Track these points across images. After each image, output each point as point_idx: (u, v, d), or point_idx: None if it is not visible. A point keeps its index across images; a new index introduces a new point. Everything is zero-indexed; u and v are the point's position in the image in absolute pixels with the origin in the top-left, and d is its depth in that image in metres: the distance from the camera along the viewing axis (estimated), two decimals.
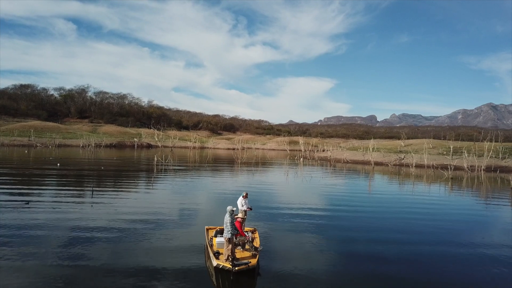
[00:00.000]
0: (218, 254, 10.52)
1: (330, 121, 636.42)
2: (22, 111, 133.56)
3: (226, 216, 10.32)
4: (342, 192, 28.91)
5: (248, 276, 9.85)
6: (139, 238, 12.88)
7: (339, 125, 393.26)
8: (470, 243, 13.73)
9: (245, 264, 9.83)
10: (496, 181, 42.12)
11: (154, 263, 10.45)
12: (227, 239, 10.15)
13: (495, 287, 9.82)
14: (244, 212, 13.21)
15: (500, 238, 15.11)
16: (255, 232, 12.98)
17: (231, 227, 10.15)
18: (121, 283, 8.97)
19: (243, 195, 13.56)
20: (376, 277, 10.15)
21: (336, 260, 11.54)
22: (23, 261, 10.28)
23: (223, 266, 9.78)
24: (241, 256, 10.51)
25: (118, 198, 21.36)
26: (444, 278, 10.11)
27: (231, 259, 9.86)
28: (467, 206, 24.88)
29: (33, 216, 15.67)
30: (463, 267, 11.10)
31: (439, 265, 11.21)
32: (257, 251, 10.77)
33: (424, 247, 13.02)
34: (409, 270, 10.76)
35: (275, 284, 9.46)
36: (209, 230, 13.08)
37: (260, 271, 10.17)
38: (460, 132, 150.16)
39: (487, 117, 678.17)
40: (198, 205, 20.50)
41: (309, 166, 58.36)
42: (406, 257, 11.97)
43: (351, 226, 16.53)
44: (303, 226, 15.98)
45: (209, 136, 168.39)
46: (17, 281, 8.91)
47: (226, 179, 35.40)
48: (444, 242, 13.80)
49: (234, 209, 10.58)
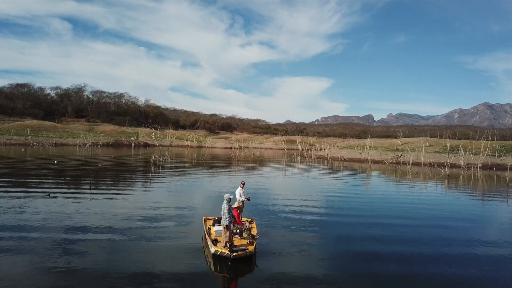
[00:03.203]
0: (216, 241, 10.59)
1: (327, 120, 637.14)
2: (18, 110, 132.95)
3: (224, 204, 10.39)
4: (338, 189, 29.04)
5: (245, 262, 9.92)
6: (137, 234, 12.81)
7: (336, 124, 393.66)
8: (469, 242, 13.28)
9: (243, 250, 9.90)
10: (492, 178, 42.38)
11: (153, 259, 10.43)
12: (224, 226, 10.21)
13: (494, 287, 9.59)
14: (241, 202, 13.25)
15: (498, 235, 15.00)
16: (252, 222, 13.08)
17: (228, 214, 10.22)
18: (120, 280, 8.90)
19: (241, 185, 13.61)
20: (372, 274, 10.10)
21: (332, 254, 11.56)
22: (19, 254, 10.28)
23: (221, 253, 9.84)
24: (239, 244, 10.59)
25: (116, 193, 21.42)
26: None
27: (228, 245, 9.92)
28: (464, 203, 25.06)
29: (32, 211, 15.68)
30: (462, 267, 10.67)
31: (437, 264, 11.14)
32: (254, 239, 10.84)
33: (423, 246, 12.56)
34: (405, 267, 10.47)
35: (272, 272, 9.52)
36: (207, 221, 13.20)
37: (257, 262, 10.16)
38: (457, 131, 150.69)
39: (483, 117, 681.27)
40: (196, 202, 20.58)
41: (307, 164, 58.50)
42: (401, 252, 11.87)
43: (348, 222, 16.62)
44: (300, 220, 16.07)
45: (206, 135, 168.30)
46: (13, 272, 8.91)
47: (224, 177, 35.45)
48: (442, 240, 13.30)
49: (231, 196, 10.66)
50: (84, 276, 8.76)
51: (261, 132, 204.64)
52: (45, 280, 8.44)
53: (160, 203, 18.57)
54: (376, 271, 9.94)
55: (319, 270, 9.94)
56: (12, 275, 8.64)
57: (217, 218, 12.39)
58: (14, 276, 8.62)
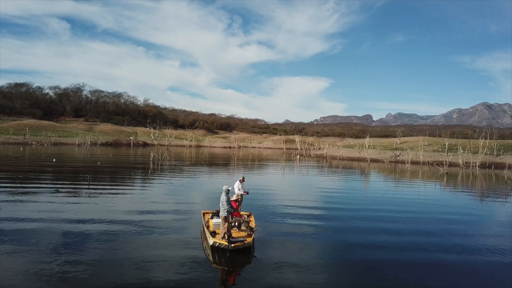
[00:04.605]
0: (214, 234, 10.60)
1: (326, 120, 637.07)
2: (17, 110, 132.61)
3: (222, 195, 10.40)
4: (336, 185, 29.07)
5: (244, 254, 9.94)
6: (136, 227, 12.81)
7: (335, 124, 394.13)
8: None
9: (241, 241, 9.92)
10: (491, 177, 42.46)
11: (151, 251, 10.41)
12: (223, 218, 10.22)
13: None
14: (240, 196, 13.27)
15: (496, 233, 14.92)
16: (250, 216, 13.09)
17: (227, 205, 10.23)
18: (120, 270, 8.90)
19: (240, 179, 13.63)
20: (369, 261, 10.18)
21: (330, 245, 11.61)
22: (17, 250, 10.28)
23: (220, 244, 9.85)
24: (237, 236, 10.60)
25: (115, 189, 21.46)
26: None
27: (227, 236, 9.93)
28: (463, 200, 25.12)
29: (30, 206, 15.68)
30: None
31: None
32: (252, 231, 10.85)
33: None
34: (400, 255, 10.64)
35: (270, 263, 9.53)
36: (205, 214, 13.23)
37: (255, 253, 10.18)
38: (455, 131, 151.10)
39: (482, 116, 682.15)
40: (195, 198, 20.58)
41: (306, 162, 58.54)
42: (400, 250, 11.75)
43: (344, 216, 16.67)
44: (298, 214, 16.15)
45: (205, 135, 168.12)
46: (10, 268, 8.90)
47: (223, 175, 35.45)
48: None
49: (229, 188, 10.67)
50: (84, 269, 8.77)
51: (260, 132, 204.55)
52: (45, 273, 8.40)
53: (159, 199, 18.61)
54: (371, 259, 10.04)
55: (318, 260, 9.98)
56: (9, 273, 8.60)
57: (216, 211, 12.41)
58: (12, 273, 8.56)
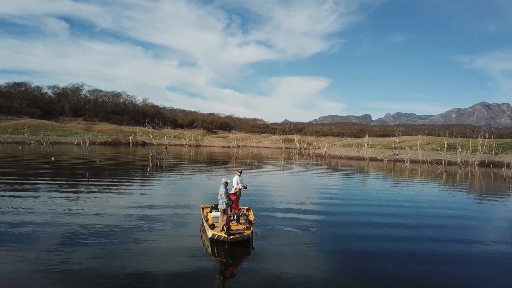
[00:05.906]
0: (213, 226, 10.61)
1: (325, 120, 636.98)
2: (15, 109, 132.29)
3: (221, 188, 10.41)
4: (335, 184, 29.10)
5: (243, 246, 9.95)
6: (135, 222, 12.84)
7: (334, 124, 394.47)
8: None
9: (240, 233, 9.93)
10: (489, 175, 42.54)
11: (150, 243, 10.44)
12: (222, 210, 10.23)
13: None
14: (238, 190, 13.27)
15: (496, 231, 14.81)
16: (249, 210, 13.11)
17: (226, 198, 10.24)
18: (119, 264, 8.87)
19: (238, 173, 13.63)
20: (368, 253, 10.20)
21: (328, 238, 11.65)
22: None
23: (218, 236, 9.86)
24: (236, 228, 10.61)
25: (114, 186, 21.46)
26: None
27: (226, 229, 9.93)
28: (461, 199, 25.19)
29: (30, 203, 15.67)
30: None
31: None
32: (251, 224, 10.86)
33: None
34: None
35: (269, 254, 9.56)
36: (204, 208, 13.24)
37: (254, 245, 10.19)
38: (454, 130, 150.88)
39: (480, 116, 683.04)
40: (194, 194, 20.59)
41: (305, 161, 58.56)
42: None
43: (342, 210, 16.72)
44: (297, 209, 16.20)
45: (204, 134, 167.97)
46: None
47: (222, 173, 35.45)
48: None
49: (228, 181, 10.68)
50: (83, 262, 8.77)
51: (259, 131, 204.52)
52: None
53: (158, 195, 18.63)
54: (368, 251, 10.03)
55: (315, 252, 10.02)
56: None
57: (214, 205, 12.41)
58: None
